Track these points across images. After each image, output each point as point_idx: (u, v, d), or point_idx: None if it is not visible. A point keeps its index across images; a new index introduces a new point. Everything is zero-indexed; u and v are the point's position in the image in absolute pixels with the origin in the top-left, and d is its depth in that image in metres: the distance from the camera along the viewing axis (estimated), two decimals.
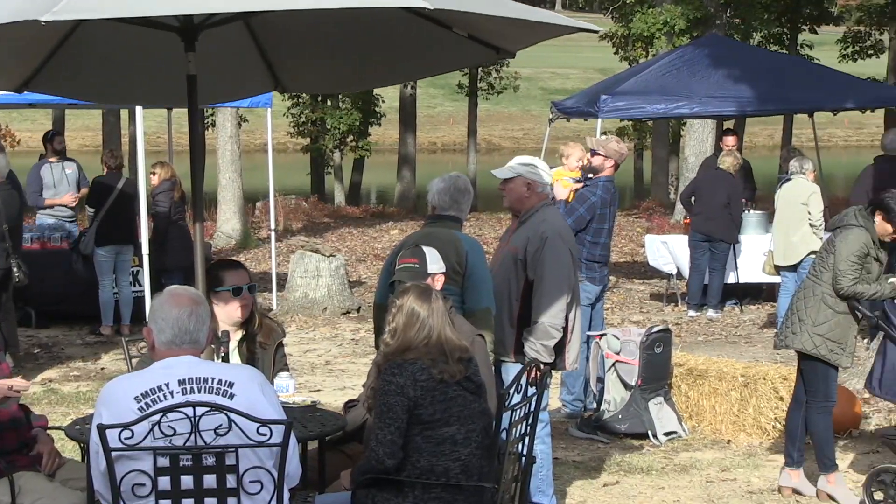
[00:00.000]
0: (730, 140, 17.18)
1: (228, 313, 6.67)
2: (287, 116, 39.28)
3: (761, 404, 10.09)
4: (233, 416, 4.81)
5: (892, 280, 8.51)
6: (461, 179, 7.73)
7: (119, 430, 4.78)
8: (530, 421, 6.12)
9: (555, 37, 6.32)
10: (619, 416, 10.19)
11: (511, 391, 5.92)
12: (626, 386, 10.25)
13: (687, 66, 17.59)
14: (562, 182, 11.32)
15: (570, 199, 10.99)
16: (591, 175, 10.85)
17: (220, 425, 4.81)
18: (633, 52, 34.71)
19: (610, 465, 9.42)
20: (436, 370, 5.78)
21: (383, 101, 40.03)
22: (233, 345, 6.67)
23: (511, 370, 7.63)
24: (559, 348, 7.78)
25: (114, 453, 4.81)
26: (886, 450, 8.87)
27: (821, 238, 13.66)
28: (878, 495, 8.24)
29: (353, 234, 25.66)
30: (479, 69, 40.53)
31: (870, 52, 42.03)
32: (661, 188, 33.69)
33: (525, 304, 7.78)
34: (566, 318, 7.72)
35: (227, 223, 23.65)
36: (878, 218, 8.43)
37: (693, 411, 10.45)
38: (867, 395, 10.21)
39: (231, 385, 4.92)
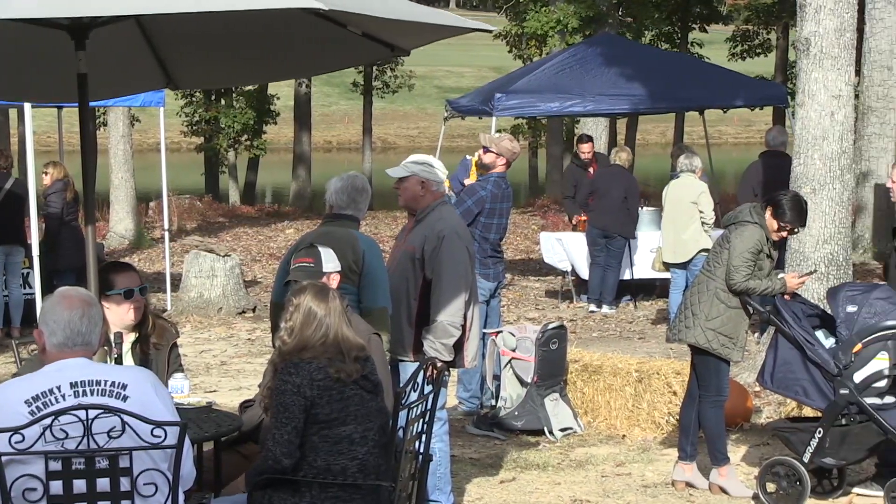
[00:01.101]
0: (585, 147, 17.35)
1: (120, 316, 6.61)
2: (180, 115, 38.95)
3: (655, 399, 10.20)
4: (126, 418, 4.76)
5: (781, 276, 8.65)
6: (359, 179, 7.73)
7: (9, 434, 4.71)
8: (427, 419, 6.13)
9: (449, 37, 6.34)
10: (516, 413, 10.24)
11: (408, 389, 5.93)
12: (522, 383, 10.30)
13: (580, 65, 17.73)
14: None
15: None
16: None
17: (114, 428, 4.76)
18: (526, 51, 34.96)
19: (506, 462, 9.46)
20: (333, 369, 5.78)
21: (278, 100, 39.85)
22: (126, 346, 6.61)
23: (410, 369, 7.64)
24: (458, 346, 7.80)
25: (3, 458, 4.73)
26: (777, 442, 9.00)
27: (711, 236, 13.85)
28: (771, 487, 8.36)
29: (249, 233, 25.51)
30: (374, 67, 40.52)
31: (758, 50, 42.75)
32: (556, 186, 33.87)
33: (423, 303, 7.80)
34: (464, 316, 7.75)
35: (119, 223, 23.41)
36: (767, 214, 8.56)
37: (588, 407, 10.53)
38: (758, 388, 10.37)
39: (124, 387, 4.87)
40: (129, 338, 6.67)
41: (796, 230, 8.76)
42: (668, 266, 14.49)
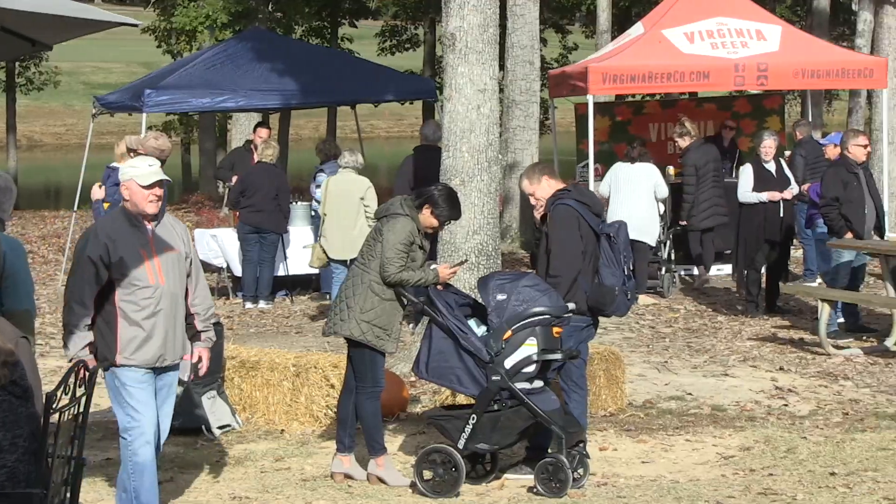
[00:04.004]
0: (263, 132, 17.41)
1: None
2: None
3: (313, 393, 10.25)
4: None
5: (434, 267, 8.84)
6: (3, 178, 7.53)
7: None
8: (80, 422, 6.00)
9: (94, 31, 6.22)
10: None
11: (59, 393, 5.78)
12: (178, 382, 10.17)
13: (231, 60, 17.72)
14: None
15: None
16: None
17: None
18: (176, 46, 34.57)
19: (164, 463, 9.30)
20: None
21: None
22: None
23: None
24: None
25: None
26: (433, 430, 9.18)
27: None
28: (428, 474, 8.53)
29: None
30: (17, 63, 39.33)
31: (407, 45, 43.58)
32: (210, 182, 33.62)
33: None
34: None
35: None
36: (426, 211, 8.74)
37: (247, 403, 10.50)
38: (414, 378, 10.56)
39: None
40: None
41: (451, 222, 9.02)
42: (330, 261, 14.49)
